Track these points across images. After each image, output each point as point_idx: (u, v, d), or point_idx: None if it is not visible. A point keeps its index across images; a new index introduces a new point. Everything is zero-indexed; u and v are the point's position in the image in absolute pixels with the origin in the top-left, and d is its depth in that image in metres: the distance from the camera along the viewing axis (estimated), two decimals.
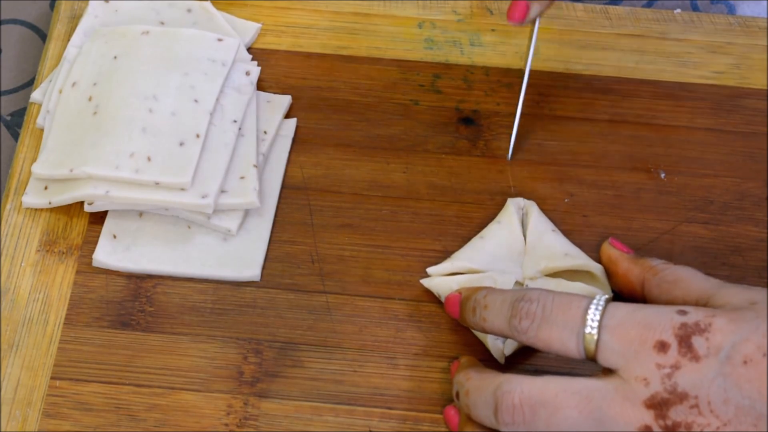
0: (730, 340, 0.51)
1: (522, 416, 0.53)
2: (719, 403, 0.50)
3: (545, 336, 0.54)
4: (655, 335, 0.52)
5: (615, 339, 0.52)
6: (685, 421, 0.51)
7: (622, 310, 0.53)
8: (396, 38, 0.74)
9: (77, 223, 0.67)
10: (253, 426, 0.61)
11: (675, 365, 0.51)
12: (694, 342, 0.51)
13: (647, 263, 0.60)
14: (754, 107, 0.71)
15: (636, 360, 0.52)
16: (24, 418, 0.61)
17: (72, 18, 0.74)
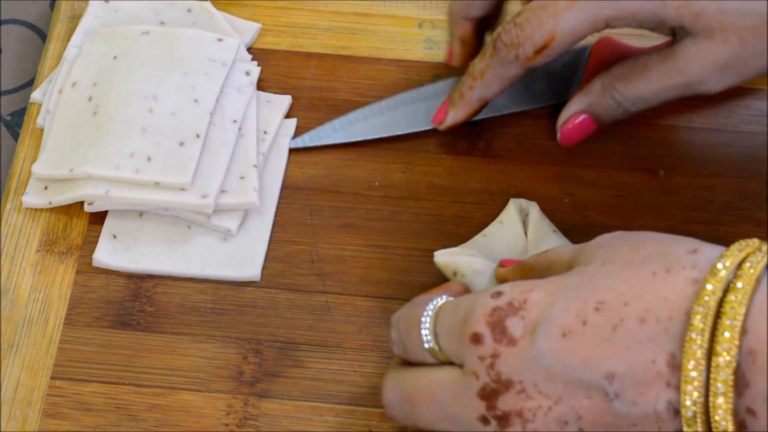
0: (546, 314, 0.49)
1: (396, 412, 0.55)
2: (545, 382, 0.49)
3: (411, 359, 0.55)
4: (470, 327, 0.50)
5: (448, 341, 0.52)
6: (514, 409, 0.49)
7: (449, 308, 0.53)
8: (396, 38, 0.74)
9: (77, 223, 0.67)
10: (253, 426, 0.61)
11: (494, 354, 0.50)
12: (509, 325, 0.50)
13: (525, 265, 0.58)
14: (754, 107, 0.71)
15: (464, 356, 0.51)
16: (24, 418, 0.61)
17: (72, 18, 0.74)
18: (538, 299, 0.50)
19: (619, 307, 0.48)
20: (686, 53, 0.61)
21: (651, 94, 0.63)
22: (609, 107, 0.65)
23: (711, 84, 0.62)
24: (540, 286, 0.51)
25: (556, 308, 0.49)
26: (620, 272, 0.49)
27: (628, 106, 0.64)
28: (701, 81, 0.62)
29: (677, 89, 0.62)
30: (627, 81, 0.63)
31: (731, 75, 0.62)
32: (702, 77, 0.62)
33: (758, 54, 0.61)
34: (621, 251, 0.51)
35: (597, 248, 0.52)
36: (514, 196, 0.68)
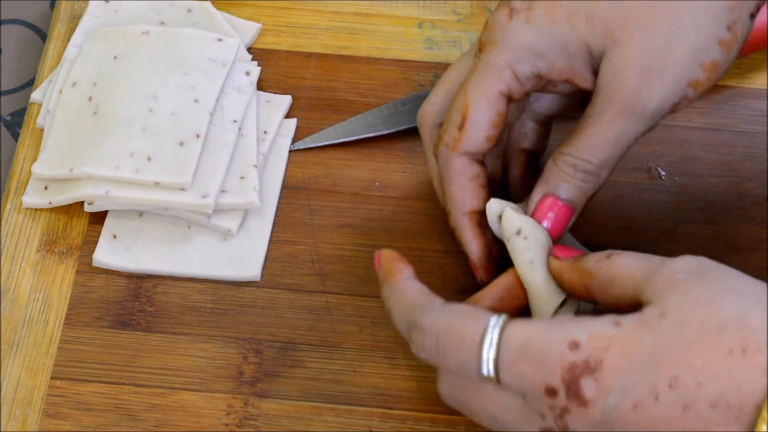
0: (620, 381, 0.48)
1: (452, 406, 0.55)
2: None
3: (447, 370, 0.53)
4: (545, 378, 0.50)
5: (512, 377, 0.51)
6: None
7: (517, 340, 0.51)
8: (396, 38, 0.74)
9: (77, 223, 0.67)
10: (253, 426, 0.61)
11: (564, 409, 0.49)
12: (583, 385, 0.49)
13: (584, 268, 0.55)
14: (754, 107, 0.71)
15: (532, 398, 0.50)
16: (24, 418, 0.61)
17: (72, 18, 0.74)
18: (614, 363, 0.49)
19: (693, 386, 0.47)
20: (605, 75, 0.56)
21: (600, 140, 0.57)
22: (568, 177, 0.58)
23: (647, 99, 0.56)
24: (616, 344, 0.49)
25: (630, 377, 0.48)
26: (695, 342, 0.48)
27: (585, 166, 0.58)
28: (633, 99, 0.56)
29: (619, 120, 0.56)
30: (572, 140, 0.58)
31: (661, 80, 0.56)
32: (630, 92, 0.56)
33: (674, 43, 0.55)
34: (698, 307, 0.49)
35: (672, 289, 0.50)
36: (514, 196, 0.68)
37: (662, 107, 0.56)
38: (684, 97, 0.56)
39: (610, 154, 0.57)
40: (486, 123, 0.58)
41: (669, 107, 0.57)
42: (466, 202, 0.60)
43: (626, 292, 0.52)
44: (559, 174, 0.58)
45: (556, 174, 0.58)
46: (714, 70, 0.56)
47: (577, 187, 0.58)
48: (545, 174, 0.59)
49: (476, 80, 0.58)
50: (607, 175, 0.58)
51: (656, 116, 0.57)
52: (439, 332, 0.52)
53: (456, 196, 0.60)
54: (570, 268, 0.56)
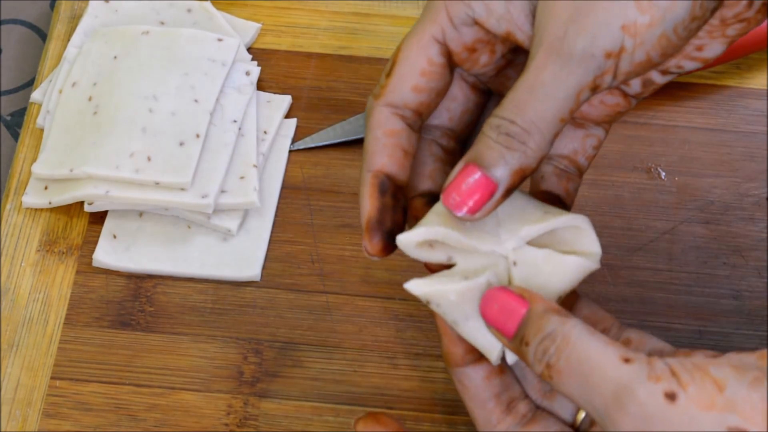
0: None
1: None
2: None
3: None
4: None
5: None
6: None
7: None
8: (396, 38, 0.74)
9: (77, 223, 0.67)
10: (253, 426, 0.61)
11: None
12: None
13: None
14: (754, 107, 0.71)
15: None
16: (24, 418, 0.61)
17: (72, 18, 0.74)
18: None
19: None
20: (538, 19, 0.49)
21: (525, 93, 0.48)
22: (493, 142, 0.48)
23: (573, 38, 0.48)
24: None
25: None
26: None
27: (508, 127, 0.48)
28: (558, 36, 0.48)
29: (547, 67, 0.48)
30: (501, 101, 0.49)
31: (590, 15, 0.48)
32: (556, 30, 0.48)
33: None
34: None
35: None
36: None
37: (591, 49, 0.48)
38: (620, 46, 0.48)
39: (537, 112, 0.48)
40: (414, 70, 0.52)
41: (601, 53, 0.48)
42: (375, 157, 0.52)
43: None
44: (482, 138, 0.49)
45: (480, 138, 0.49)
46: (655, 12, 0.48)
47: (501, 155, 0.48)
48: (474, 142, 0.50)
49: (414, 27, 0.52)
50: (536, 145, 0.48)
51: (587, 63, 0.48)
52: None
53: (368, 150, 0.53)
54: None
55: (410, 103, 0.52)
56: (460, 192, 0.49)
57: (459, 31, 0.52)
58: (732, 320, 0.64)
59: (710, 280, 0.65)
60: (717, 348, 0.63)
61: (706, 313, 0.64)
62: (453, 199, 0.49)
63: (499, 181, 0.48)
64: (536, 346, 0.47)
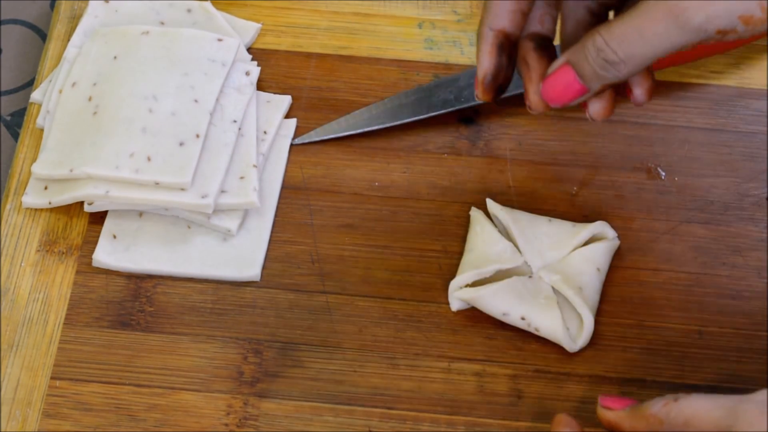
0: None
1: None
2: None
3: None
4: None
5: None
6: None
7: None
8: (396, 38, 0.74)
9: (77, 223, 0.67)
10: (253, 426, 0.61)
11: None
12: None
13: (650, 413, 0.54)
14: (753, 107, 0.71)
15: None
16: (24, 418, 0.61)
17: (72, 18, 0.74)
18: None
19: None
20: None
21: (635, 35, 0.55)
22: (591, 59, 0.56)
23: (695, 12, 0.53)
24: None
25: None
26: None
27: (609, 54, 0.55)
28: (684, 6, 0.53)
29: (661, 22, 0.54)
30: (610, 24, 0.56)
31: (706, 5, 0.53)
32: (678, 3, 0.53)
33: None
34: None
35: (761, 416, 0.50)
36: (514, 196, 0.68)
37: (707, 26, 0.53)
38: (733, 28, 0.53)
39: (639, 52, 0.55)
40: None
41: (714, 29, 0.53)
42: (498, 18, 0.59)
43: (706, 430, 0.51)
44: (584, 51, 0.56)
45: (582, 50, 0.56)
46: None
47: (595, 71, 0.56)
48: (576, 45, 0.57)
49: None
50: (627, 73, 0.56)
51: (699, 33, 0.54)
52: None
53: (490, 9, 0.59)
54: (631, 416, 0.55)
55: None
56: (554, 89, 0.57)
57: None
58: (732, 320, 0.64)
59: (710, 280, 0.65)
60: (717, 349, 0.64)
61: (706, 313, 0.64)
62: (548, 91, 0.57)
63: (589, 88, 0.57)
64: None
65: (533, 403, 0.62)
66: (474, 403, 0.62)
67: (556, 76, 0.57)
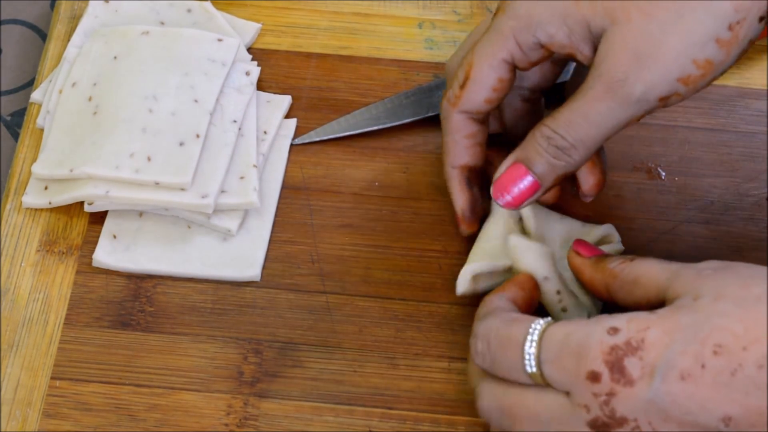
0: (664, 355, 0.49)
1: (492, 420, 0.55)
2: (660, 422, 0.49)
3: (500, 375, 0.54)
4: (586, 365, 0.50)
5: (556, 371, 0.52)
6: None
7: (557, 337, 0.52)
8: (396, 38, 0.74)
9: (77, 223, 0.67)
10: (253, 426, 0.61)
11: (610, 392, 0.50)
12: (627, 365, 0.50)
13: (607, 267, 0.57)
14: (753, 107, 0.71)
15: (575, 389, 0.51)
16: (24, 418, 0.61)
17: (72, 18, 0.74)
18: (655, 339, 0.50)
19: (738, 351, 0.48)
20: (600, 53, 0.56)
21: (580, 116, 0.56)
22: (543, 150, 0.58)
23: (633, 83, 0.55)
24: (655, 324, 0.50)
25: (674, 350, 0.49)
26: (735, 312, 0.49)
27: (558, 141, 0.57)
28: (620, 79, 0.55)
29: (603, 100, 0.56)
30: (554, 113, 0.58)
31: (651, 67, 0.55)
32: (618, 72, 0.55)
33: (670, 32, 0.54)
34: (730, 287, 0.50)
35: (699, 280, 0.52)
36: None
37: (648, 96, 0.55)
38: (674, 92, 0.55)
39: (587, 134, 0.56)
40: (487, 86, 0.60)
41: (656, 98, 0.55)
42: (458, 157, 0.63)
43: (649, 291, 0.54)
44: (533, 144, 0.58)
45: (531, 144, 0.58)
46: (708, 68, 0.55)
47: (547, 161, 0.58)
48: (524, 142, 0.59)
49: (484, 44, 0.60)
50: (580, 158, 0.58)
51: (641, 105, 0.56)
52: (490, 337, 0.54)
53: (450, 150, 0.63)
54: (592, 266, 0.58)
55: (482, 109, 0.62)
56: (507, 188, 0.59)
57: (526, 54, 0.59)
58: None
59: None
60: None
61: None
62: (500, 193, 0.59)
63: (543, 182, 0.58)
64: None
65: None
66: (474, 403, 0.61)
67: (507, 173, 0.59)
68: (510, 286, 0.59)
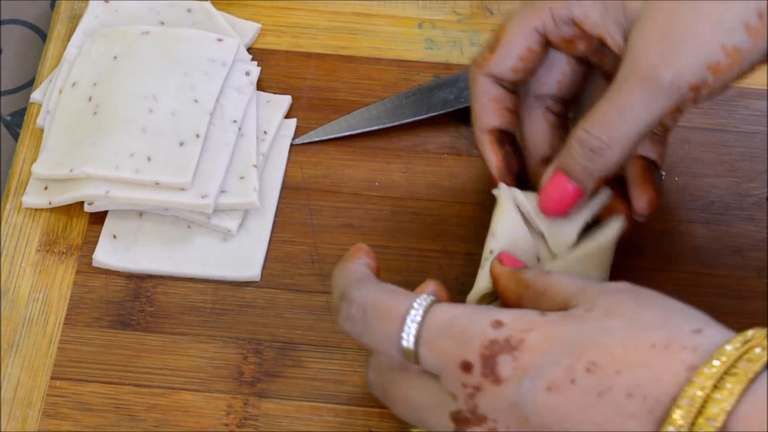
0: (538, 362, 0.48)
1: (376, 393, 0.55)
2: (517, 428, 0.48)
3: (368, 344, 0.53)
4: (463, 353, 0.49)
5: (431, 353, 0.50)
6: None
7: (442, 318, 0.51)
8: (396, 38, 0.74)
9: (77, 223, 0.67)
10: (253, 426, 0.61)
11: (477, 386, 0.49)
12: (500, 362, 0.48)
13: (522, 278, 0.55)
14: (754, 107, 0.71)
15: (446, 375, 0.50)
16: (24, 418, 0.61)
17: (72, 18, 0.74)
18: (534, 343, 0.48)
19: (611, 374, 0.46)
20: (631, 42, 0.55)
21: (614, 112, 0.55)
22: (578, 155, 0.57)
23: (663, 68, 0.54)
24: (539, 327, 0.49)
25: (549, 359, 0.48)
26: (619, 332, 0.48)
27: (593, 142, 0.56)
28: (651, 65, 0.54)
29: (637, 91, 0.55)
30: (587, 113, 0.57)
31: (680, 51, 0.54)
32: (649, 58, 0.54)
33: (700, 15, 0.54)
34: (625, 307, 0.49)
35: (600, 295, 0.50)
36: None
37: (678, 81, 0.54)
38: (704, 81, 0.54)
39: (620, 131, 0.55)
40: (515, 53, 0.60)
41: (687, 86, 0.54)
42: (487, 120, 0.62)
43: (556, 302, 0.52)
44: (569, 150, 0.57)
45: (567, 149, 0.57)
46: (737, 57, 0.54)
47: (583, 166, 0.57)
48: (561, 149, 0.58)
49: (519, 12, 0.60)
50: (616, 158, 0.56)
51: (672, 93, 0.54)
52: (367, 305, 0.53)
53: (478, 114, 0.63)
54: (509, 275, 0.56)
55: (508, 77, 0.61)
56: (551, 199, 0.58)
57: (559, 27, 0.59)
58: (732, 320, 0.64)
59: (710, 280, 0.65)
60: None
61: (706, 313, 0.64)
62: (546, 204, 0.59)
63: (584, 187, 0.58)
64: None
65: None
66: None
67: (551, 185, 0.58)
68: (363, 255, 0.57)
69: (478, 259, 0.65)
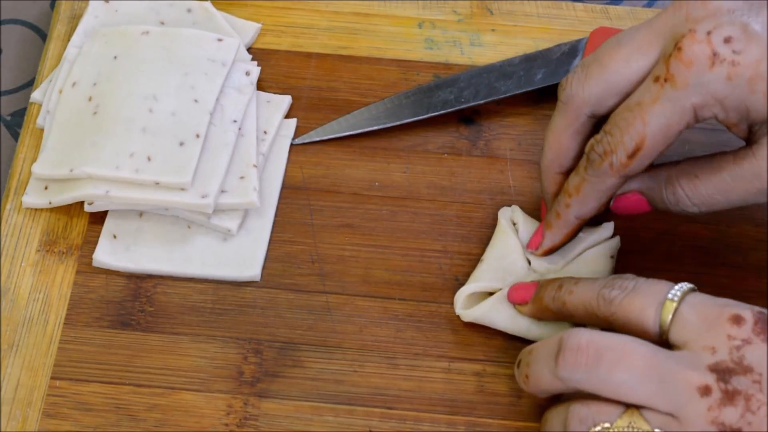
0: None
1: (585, 358, 0.54)
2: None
3: (628, 304, 0.55)
4: (732, 310, 0.53)
5: (693, 312, 0.54)
6: (745, 392, 0.51)
7: (705, 296, 0.54)
8: (396, 38, 0.74)
9: (77, 223, 0.67)
10: (253, 426, 0.61)
11: (746, 340, 0.52)
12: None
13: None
14: None
15: (708, 331, 0.53)
16: (24, 418, 0.61)
17: (72, 18, 0.74)
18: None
19: None
20: (765, 153, 0.56)
21: (718, 197, 0.58)
22: (667, 201, 0.60)
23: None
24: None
25: None
26: None
27: (687, 205, 0.59)
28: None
29: (750, 195, 0.57)
30: (694, 179, 0.59)
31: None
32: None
33: None
34: None
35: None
36: (514, 196, 0.68)
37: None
38: None
39: (715, 205, 0.59)
40: (654, 155, 0.58)
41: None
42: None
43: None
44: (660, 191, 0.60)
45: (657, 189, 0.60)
46: None
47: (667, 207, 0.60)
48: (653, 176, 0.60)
49: (659, 113, 0.57)
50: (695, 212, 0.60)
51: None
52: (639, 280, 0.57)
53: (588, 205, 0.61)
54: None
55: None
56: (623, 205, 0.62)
57: (698, 121, 0.58)
58: None
59: (710, 280, 0.65)
60: None
61: None
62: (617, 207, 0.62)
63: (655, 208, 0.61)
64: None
65: (533, 403, 0.62)
66: (474, 403, 0.62)
67: (626, 198, 0.61)
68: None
69: (478, 260, 0.65)
